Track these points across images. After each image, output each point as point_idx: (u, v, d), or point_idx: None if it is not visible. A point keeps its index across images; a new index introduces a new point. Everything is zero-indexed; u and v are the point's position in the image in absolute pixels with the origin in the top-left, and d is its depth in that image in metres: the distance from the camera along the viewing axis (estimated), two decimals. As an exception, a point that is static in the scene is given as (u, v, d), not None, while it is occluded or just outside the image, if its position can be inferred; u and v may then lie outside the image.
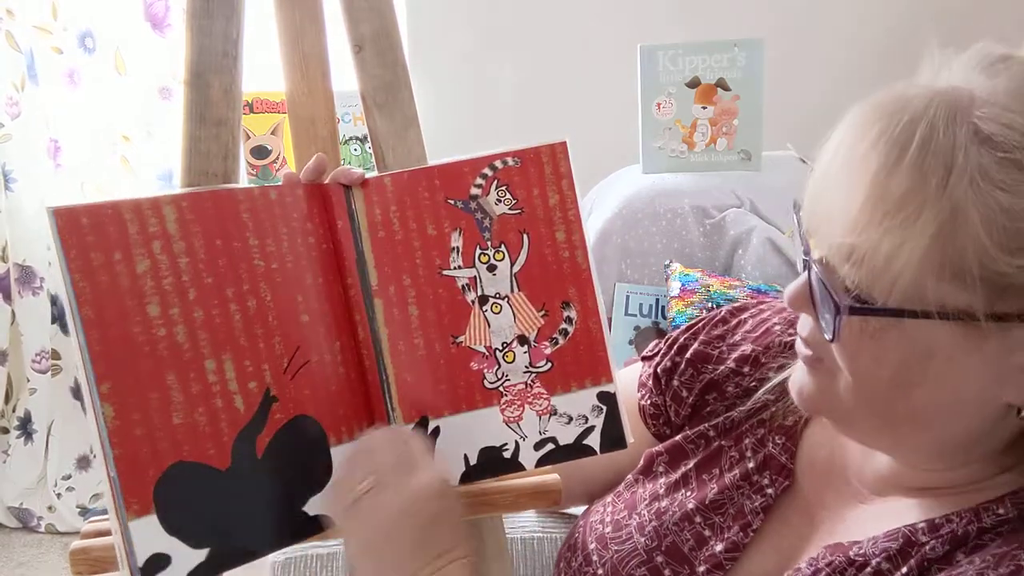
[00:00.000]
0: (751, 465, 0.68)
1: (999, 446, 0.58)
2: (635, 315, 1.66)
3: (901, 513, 0.60)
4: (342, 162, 0.74)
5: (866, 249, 0.52)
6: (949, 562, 0.54)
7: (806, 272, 0.58)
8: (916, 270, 0.51)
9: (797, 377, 0.62)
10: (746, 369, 0.73)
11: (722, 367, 0.74)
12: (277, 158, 1.61)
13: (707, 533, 0.67)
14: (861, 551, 0.57)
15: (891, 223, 0.51)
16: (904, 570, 0.55)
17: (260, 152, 1.60)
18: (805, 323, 0.60)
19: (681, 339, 0.78)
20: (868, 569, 0.56)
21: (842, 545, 0.59)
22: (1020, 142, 0.50)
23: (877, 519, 0.61)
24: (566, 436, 0.67)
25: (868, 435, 0.61)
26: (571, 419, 0.67)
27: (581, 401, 0.67)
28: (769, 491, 0.66)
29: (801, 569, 0.59)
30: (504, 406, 0.66)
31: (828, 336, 0.55)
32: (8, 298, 2.18)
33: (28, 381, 2.20)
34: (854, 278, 0.53)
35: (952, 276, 0.50)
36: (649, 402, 0.78)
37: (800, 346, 0.61)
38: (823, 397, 0.59)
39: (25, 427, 2.23)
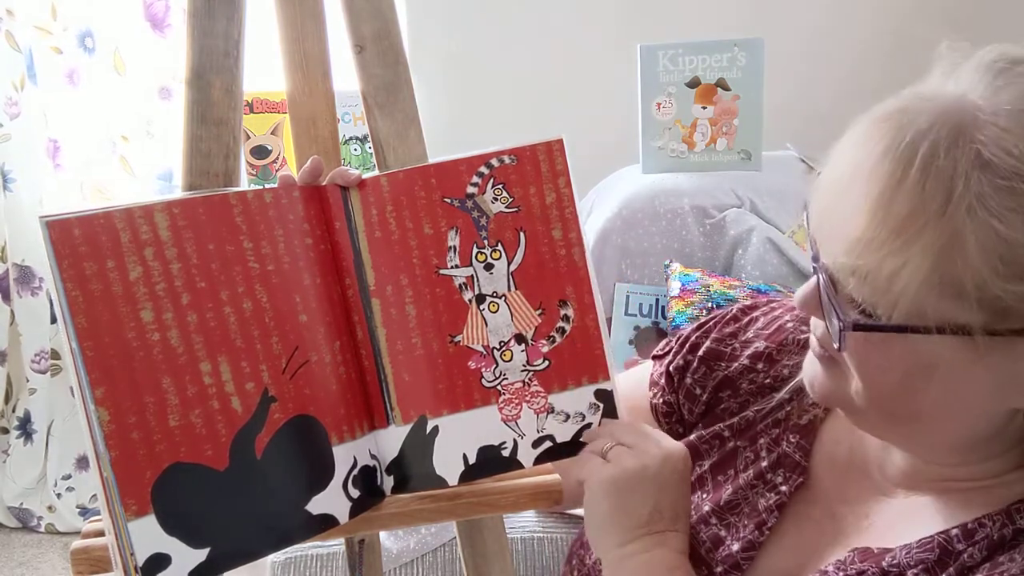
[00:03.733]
0: (765, 464, 0.68)
1: (1015, 445, 0.58)
2: (635, 315, 1.65)
3: (930, 514, 0.60)
4: (343, 162, 0.74)
5: (869, 268, 0.53)
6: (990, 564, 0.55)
7: (816, 276, 0.59)
8: (917, 290, 0.51)
9: (809, 368, 0.64)
10: (760, 366, 0.73)
11: (736, 364, 0.74)
12: (277, 158, 1.61)
13: (723, 533, 0.67)
14: (895, 561, 0.57)
15: (893, 245, 0.51)
16: None
17: (260, 152, 1.60)
18: (818, 323, 0.61)
19: (693, 337, 0.78)
20: None
21: (871, 551, 0.59)
22: (1018, 168, 0.50)
23: (905, 519, 0.61)
24: (563, 434, 0.66)
25: (880, 430, 0.62)
26: (568, 417, 0.66)
27: (578, 399, 0.66)
28: (783, 488, 0.66)
29: (828, 572, 0.59)
30: (502, 405, 0.66)
31: (836, 345, 0.56)
32: (7, 298, 2.18)
33: (28, 381, 2.20)
34: (859, 293, 0.54)
35: (952, 296, 0.51)
36: (662, 400, 0.78)
37: (814, 343, 0.62)
38: (836, 394, 0.61)
39: (25, 427, 2.23)
